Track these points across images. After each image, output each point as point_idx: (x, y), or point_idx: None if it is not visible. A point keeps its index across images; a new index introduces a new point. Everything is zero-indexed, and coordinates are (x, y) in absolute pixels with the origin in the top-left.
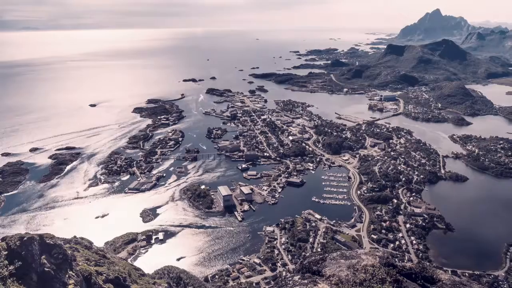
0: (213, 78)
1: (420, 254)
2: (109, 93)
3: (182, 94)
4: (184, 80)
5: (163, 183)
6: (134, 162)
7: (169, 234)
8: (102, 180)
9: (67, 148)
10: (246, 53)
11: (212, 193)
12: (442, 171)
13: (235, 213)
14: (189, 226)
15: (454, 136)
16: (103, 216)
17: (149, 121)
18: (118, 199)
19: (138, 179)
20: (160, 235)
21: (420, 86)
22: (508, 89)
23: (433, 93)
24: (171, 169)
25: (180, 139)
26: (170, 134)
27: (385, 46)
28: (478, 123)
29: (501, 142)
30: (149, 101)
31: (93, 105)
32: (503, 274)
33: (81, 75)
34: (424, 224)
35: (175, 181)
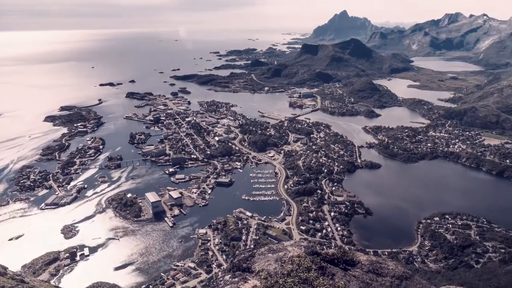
0: (133, 81)
1: (345, 239)
2: (16, 101)
3: (100, 100)
4: (101, 85)
5: (85, 194)
6: (50, 175)
7: (95, 248)
8: (14, 198)
9: None
10: (166, 55)
11: (140, 200)
12: (359, 161)
13: (166, 219)
14: (117, 237)
15: (367, 128)
16: (17, 237)
17: (64, 130)
18: (35, 217)
19: (56, 193)
20: (86, 251)
21: (334, 82)
22: (409, 82)
23: (346, 89)
24: (94, 179)
25: (101, 147)
26: (89, 142)
27: (300, 46)
28: (386, 115)
29: (406, 130)
30: (63, 108)
31: None
32: (416, 249)
33: None
34: (346, 211)
35: (98, 191)
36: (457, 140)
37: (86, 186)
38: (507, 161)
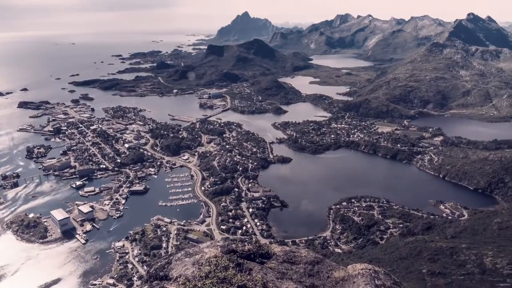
0: (25, 89)
1: (265, 233)
2: None
3: None
4: None
5: None
6: None
7: None
8: None
9: None
10: (63, 60)
11: (45, 220)
12: (271, 156)
13: (77, 236)
14: (20, 265)
15: (276, 124)
16: None
17: None
18: None
19: None
20: None
21: (242, 82)
22: (310, 79)
23: (253, 88)
24: None
25: None
26: None
27: (206, 47)
28: (292, 110)
29: (311, 124)
30: None
31: None
32: (329, 233)
33: None
34: (263, 205)
35: None
36: (355, 130)
37: None
38: (398, 145)
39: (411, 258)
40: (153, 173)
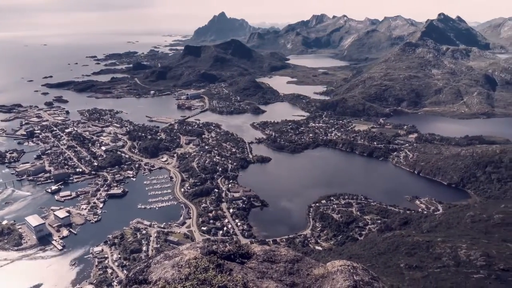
0: None
1: (246, 233)
2: None
3: None
4: None
5: None
6: None
7: None
8: None
9: None
10: (35, 61)
11: (19, 226)
12: (250, 156)
13: (53, 242)
14: None
15: (254, 124)
16: None
17: None
18: None
19: None
20: None
21: (220, 82)
22: (288, 79)
23: (231, 88)
24: None
25: None
26: None
27: (182, 47)
28: (270, 110)
29: (290, 123)
30: None
31: None
32: (309, 231)
33: None
34: (244, 206)
35: None
36: (333, 129)
37: None
38: (374, 143)
39: (389, 253)
40: (131, 175)
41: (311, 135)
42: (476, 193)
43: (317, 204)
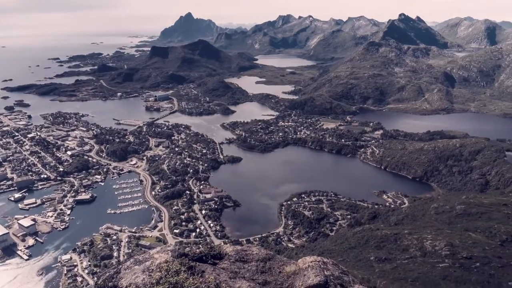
0: None
1: (219, 234)
2: None
3: None
4: None
5: None
6: None
7: None
8: None
9: None
10: None
11: None
12: (221, 157)
13: (18, 252)
14: None
15: (224, 124)
16: None
17: None
18: None
19: None
20: None
21: (188, 83)
22: (256, 79)
23: (200, 89)
24: None
25: None
26: None
27: (149, 48)
28: (240, 110)
29: (260, 123)
30: None
31: None
32: (282, 229)
33: None
34: (216, 206)
35: None
36: (302, 127)
37: None
38: (342, 140)
39: (360, 247)
40: (99, 180)
41: (280, 134)
42: (439, 185)
43: (289, 202)
